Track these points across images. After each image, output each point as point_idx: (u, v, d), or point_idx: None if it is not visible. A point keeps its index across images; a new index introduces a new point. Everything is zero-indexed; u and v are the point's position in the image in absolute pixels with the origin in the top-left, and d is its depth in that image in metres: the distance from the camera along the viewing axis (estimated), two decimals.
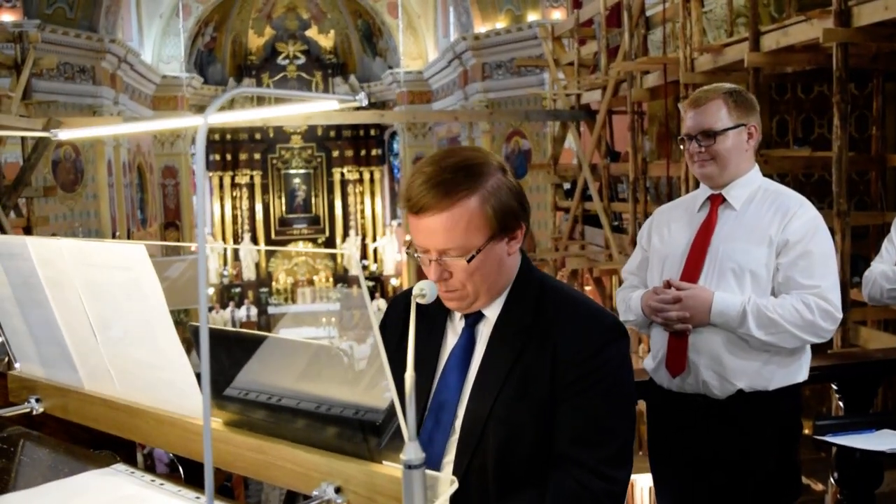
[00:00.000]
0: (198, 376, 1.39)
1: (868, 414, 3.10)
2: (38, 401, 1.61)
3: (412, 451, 1.12)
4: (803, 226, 2.60)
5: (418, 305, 1.83)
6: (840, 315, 2.55)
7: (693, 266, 2.74)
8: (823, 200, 8.65)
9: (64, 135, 1.70)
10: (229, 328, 1.34)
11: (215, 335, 1.31)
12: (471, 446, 1.73)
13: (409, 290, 1.96)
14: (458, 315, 1.85)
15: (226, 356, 1.33)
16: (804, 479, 3.26)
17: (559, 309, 1.77)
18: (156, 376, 1.36)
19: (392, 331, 1.93)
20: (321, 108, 1.05)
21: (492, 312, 1.82)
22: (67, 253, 1.37)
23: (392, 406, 1.21)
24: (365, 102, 1.16)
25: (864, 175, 8.38)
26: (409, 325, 1.87)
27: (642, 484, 9.94)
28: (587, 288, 13.84)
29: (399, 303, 2.01)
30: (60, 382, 1.57)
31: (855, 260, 7.08)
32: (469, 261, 1.70)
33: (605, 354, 1.71)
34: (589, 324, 1.75)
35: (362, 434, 1.25)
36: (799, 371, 2.70)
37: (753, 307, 2.58)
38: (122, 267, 1.28)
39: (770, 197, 2.69)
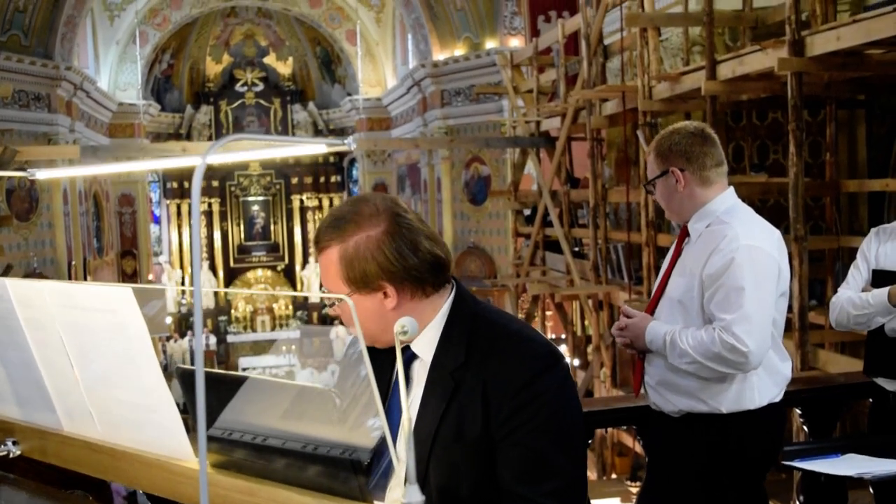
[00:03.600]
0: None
1: (833, 438, 3.15)
2: (14, 443, 1.58)
3: (413, 493, 1.12)
4: (720, 259, 2.68)
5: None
6: (747, 348, 2.58)
7: (656, 294, 2.91)
8: (780, 225, 8.78)
9: (42, 174, 1.68)
10: (216, 370, 1.33)
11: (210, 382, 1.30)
12: None
13: None
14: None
15: (212, 398, 1.33)
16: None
17: (491, 344, 1.74)
18: (140, 417, 1.35)
19: None
20: (311, 150, 1.05)
21: (425, 353, 1.80)
22: (49, 295, 1.36)
23: (379, 444, 1.21)
24: (354, 146, 1.17)
25: (818, 200, 8.53)
26: (374, 358, 1.89)
27: None
28: (548, 313, 13.90)
29: None
30: (38, 424, 1.55)
31: (812, 284, 7.20)
32: (330, 306, 1.80)
33: (537, 386, 1.67)
34: (518, 356, 1.71)
35: (351, 473, 1.25)
36: (751, 398, 2.75)
37: (672, 337, 2.74)
38: (108, 310, 1.27)
39: (710, 232, 2.79)
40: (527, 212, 13.72)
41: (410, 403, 1.79)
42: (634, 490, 8.90)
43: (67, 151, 14.81)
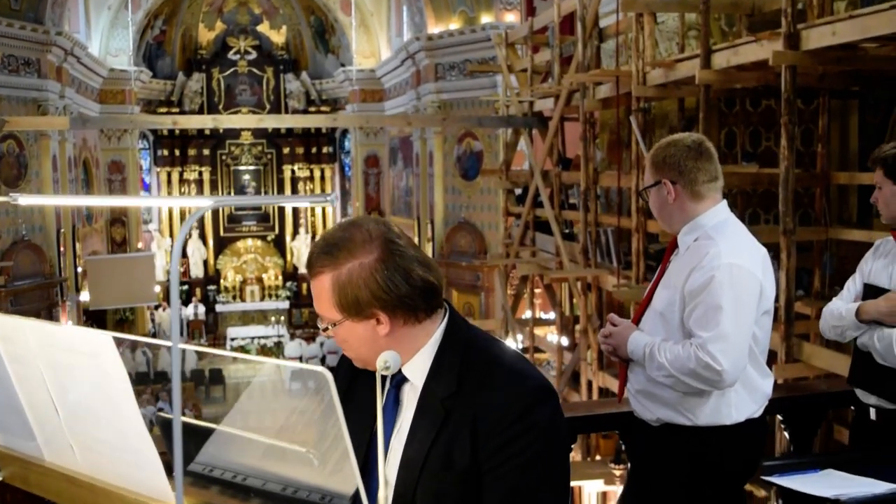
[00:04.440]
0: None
1: (813, 453, 3.18)
2: None
3: None
4: (701, 277, 2.69)
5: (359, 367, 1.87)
6: (721, 367, 2.60)
7: (643, 304, 2.94)
8: (769, 212, 8.82)
9: (24, 200, 1.67)
10: (194, 420, 1.33)
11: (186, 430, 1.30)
12: None
13: None
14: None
15: (193, 448, 1.33)
16: None
17: (483, 374, 1.74)
18: (120, 457, 1.35)
19: (339, 384, 1.96)
20: (294, 203, 1.04)
21: (417, 377, 1.80)
22: (31, 332, 1.35)
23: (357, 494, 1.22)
24: (336, 203, 1.16)
25: (808, 188, 8.55)
26: (356, 381, 1.90)
27: (590, 489, 10.11)
28: (537, 291, 13.93)
29: (346, 361, 1.97)
30: (21, 452, 1.55)
31: (799, 273, 7.22)
32: (324, 330, 1.79)
33: (527, 420, 1.68)
34: (511, 389, 1.71)
35: None
36: (728, 413, 2.78)
37: (651, 349, 2.77)
38: (88, 353, 1.27)
39: (696, 246, 2.79)
40: (518, 191, 13.69)
41: (399, 427, 1.80)
42: (618, 472, 8.96)
43: (56, 122, 14.70)
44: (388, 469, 1.77)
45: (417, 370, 1.80)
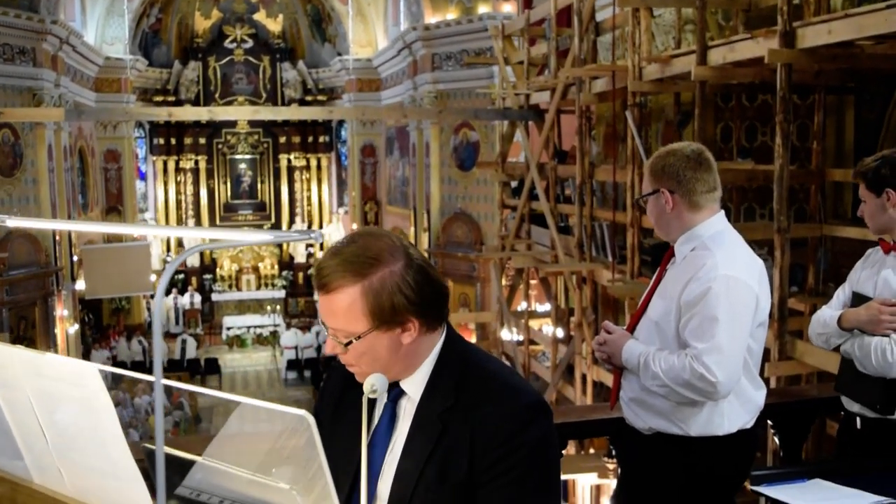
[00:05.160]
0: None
1: (801, 462, 3.20)
2: None
3: None
4: (698, 288, 2.69)
5: (349, 381, 1.87)
6: (716, 379, 2.61)
7: (638, 312, 2.93)
8: (765, 207, 8.83)
9: (12, 222, 1.67)
10: (178, 452, 1.33)
11: (170, 460, 1.31)
12: None
13: None
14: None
15: (178, 478, 1.34)
16: None
17: (480, 390, 1.77)
18: (106, 484, 1.36)
19: (328, 403, 1.98)
20: (280, 240, 1.04)
21: (414, 391, 1.82)
22: (18, 360, 1.36)
23: None
24: (321, 241, 1.17)
25: (804, 184, 8.55)
26: (344, 398, 1.90)
27: (584, 483, 10.14)
28: (532, 282, 13.94)
29: (339, 372, 1.98)
30: (9, 473, 1.55)
31: (793, 269, 7.24)
32: (346, 345, 1.75)
33: (523, 436, 1.71)
34: (507, 405, 1.74)
35: None
36: (720, 424, 2.79)
37: (646, 359, 2.77)
38: (74, 384, 1.28)
39: (693, 256, 2.79)
40: (514, 184, 13.69)
41: (395, 440, 1.82)
42: (611, 466, 8.99)
43: (51, 114, 14.65)
44: (383, 484, 1.79)
45: (415, 384, 1.82)
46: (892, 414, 3.02)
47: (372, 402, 1.84)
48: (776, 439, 3.37)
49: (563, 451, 3.58)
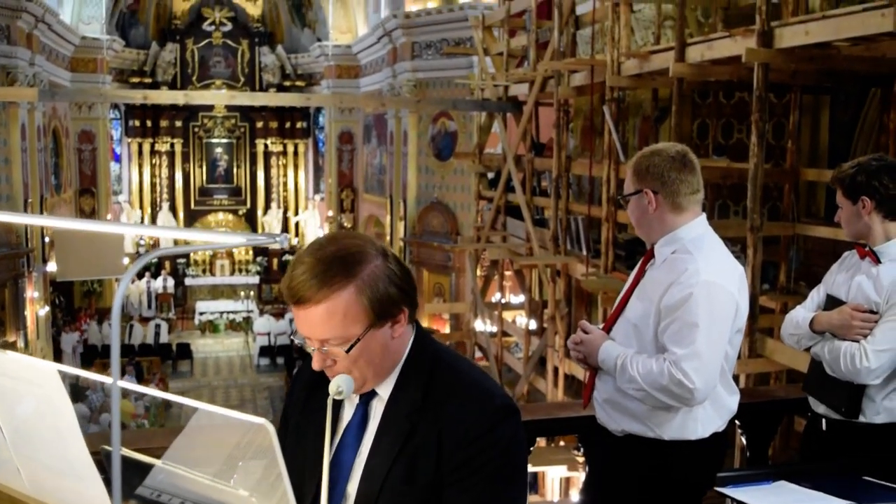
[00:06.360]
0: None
1: (767, 465, 3.22)
2: None
3: None
4: (679, 293, 2.67)
5: (318, 379, 1.85)
6: (694, 385, 2.60)
7: (616, 312, 2.93)
8: (739, 204, 8.88)
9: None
10: (140, 456, 1.32)
11: (127, 463, 1.30)
12: None
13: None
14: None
15: (138, 479, 1.32)
16: None
17: (449, 389, 1.77)
18: (65, 484, 1.34)
19: (295, 404, 1.96)
20: (244, 244, 1.02)
21: (384, 390, 1.81)
22: None
23: None
24: (286, 244, 1.15)
25: (778, 182, 8.61)
26: (311, 398, 1.88)
27: (553, 475, 10.19)
28: (507, 273, 13.96)
29: (305, 373, 1.96)
30: None
31: (765, 267, 7.29)
32: (348, 351, 1.70)
33: (491, 436, 1.71)
34: (476, 405, 1.74)
35: None
36: (694, 429, 2.79)
37: (623, 361, 2.75)
38: (34, 383, 1.26)
39: (674, 260, 2.77)
40: (491, 175, 13.69)
41: (365, 440, 1.80)
42: (581, 459, 9.02)
43: (25, 94, 14.48)
44: (352, 484, 1.78)
45: (386, 383, 1.81)
46: (857, 417, 3.05)
47: (339, 403, 1.83)
48: (743, 439, 3.39)
49: (534, 445, 3.57)
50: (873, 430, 3.04)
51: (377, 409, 1.81)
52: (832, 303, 3.14)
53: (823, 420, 3.15)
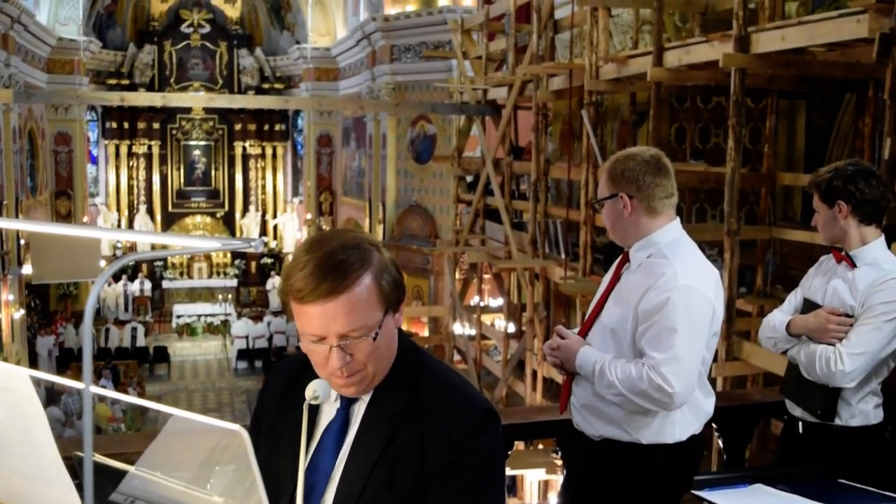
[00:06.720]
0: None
1: (743, 468, 3.23)
2: None
3: None
4: (656, 297, 2.67)
5: (297, 377, 1.83)
6: (673, 389, 2.60)
7: (591, 317, 2.92)
8: (716, 208, 8.93)
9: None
10: (113, 462, 1.30)
11: (100, 469, 1.28)
12: None
13: (292, 361, 1.94)
14: (332, 392, 1.78)
15: (111, 486, 1.31)
16: None
17: (433, 393, 1.76)
18: (37, 490, 1.33)
19: (269, 407, 1.93)
20: (220, 248, 1.00)
21: (367, 393, 1.79)
22: None
23: None
24: (261, 249, 1.14)
25: (755, 186, 8.67)
26: (286, 400, 1.86)
27: (532, 478, 10.20)
28: (486, 276, 13.97)
29: (280, 374, 1.95)
30: None
31: (742, 270, 7.34)
32: (375, 338, 1.68)
33: (473, 442, 1.71)
34: (460, 411, 1.74)
35: None
36: (671, 432, 2.79)
37: (601, 367, 2.75)
38: (4, 388, 1.24)
39: (650, 264, 2.77)
40: (469, 178, 13.70)
41: (346, 444, 1.78)
42: (559, 462, 9.03)
43: (0, 95, 14.32)
44: (329, 490, 1.76)
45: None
46: (832, 420, 3.08)
47: (317, 407, 1.81)
48: (720, 441, 3.41)
49: (511, 449, 3.57)
50: (849, 432, 3.07)
51: (359, 413, 1.79)
52: (809, 306, 3.16)
53: (800, 423, 3.18)
